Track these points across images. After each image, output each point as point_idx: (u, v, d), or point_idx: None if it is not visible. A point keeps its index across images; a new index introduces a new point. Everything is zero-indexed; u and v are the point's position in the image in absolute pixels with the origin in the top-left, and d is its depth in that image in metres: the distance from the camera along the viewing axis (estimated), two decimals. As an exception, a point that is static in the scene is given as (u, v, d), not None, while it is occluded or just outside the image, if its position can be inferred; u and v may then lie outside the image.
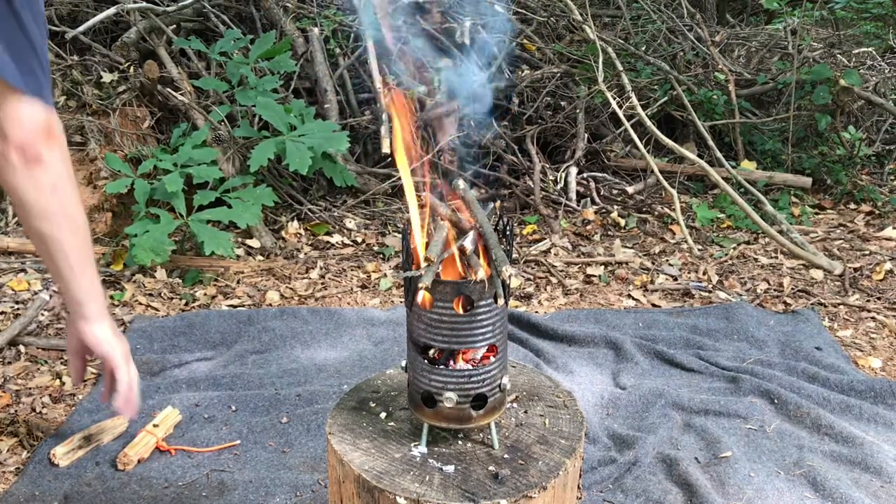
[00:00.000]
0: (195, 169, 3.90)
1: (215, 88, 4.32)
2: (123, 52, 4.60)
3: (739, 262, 4.13)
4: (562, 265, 4.05)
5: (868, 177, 5.23)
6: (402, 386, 1.78)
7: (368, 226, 4.43)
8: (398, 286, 3.76)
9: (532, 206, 4.61)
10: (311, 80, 4.79)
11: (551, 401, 1.73)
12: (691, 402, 2.77)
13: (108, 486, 2.29)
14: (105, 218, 4.03)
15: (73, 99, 4.30)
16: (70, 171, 1.38)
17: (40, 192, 1.33)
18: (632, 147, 5.00)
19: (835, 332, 3.42)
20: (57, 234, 1.39)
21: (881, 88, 5.45)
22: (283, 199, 4.37)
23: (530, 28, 5.48)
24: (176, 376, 2.95)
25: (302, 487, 2.30)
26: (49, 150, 1.32)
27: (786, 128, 5.16)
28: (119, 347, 1.55)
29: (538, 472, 1.49)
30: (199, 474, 2.37)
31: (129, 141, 4.22)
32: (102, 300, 1.52)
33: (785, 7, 5.39)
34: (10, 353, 3.02)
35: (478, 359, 1.57)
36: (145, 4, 4.59)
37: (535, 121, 5.11)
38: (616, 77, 4.84)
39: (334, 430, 1.61)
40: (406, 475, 1.48)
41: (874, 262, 4.09)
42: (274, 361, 3.06)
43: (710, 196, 4.94)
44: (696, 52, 5.53)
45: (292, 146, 3.96)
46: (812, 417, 2.70)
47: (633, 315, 3.50)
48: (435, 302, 1.49)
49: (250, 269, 3.85)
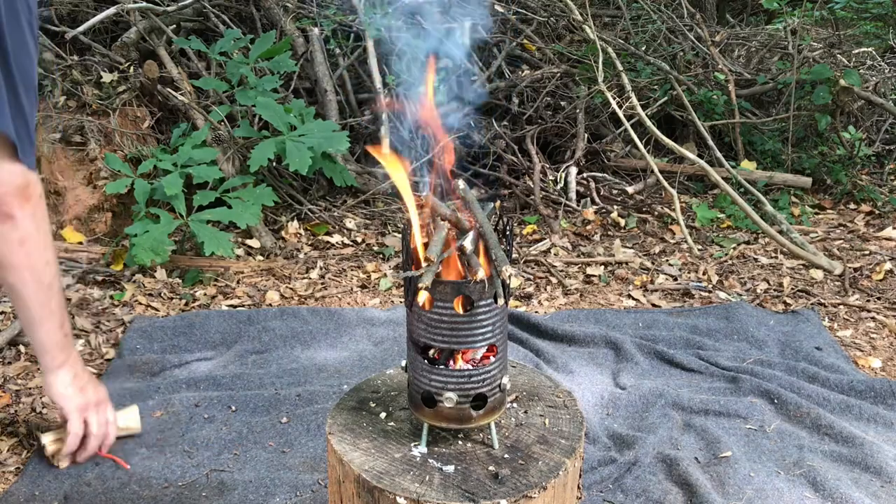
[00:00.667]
0: (195, 169, 3.90)
1: (215, 88, 4.32)
2: (123, 52, 4.60)
3: (739, 262, 4.13)
4: (562, 265, 4.05)
5: (868, 177, 5.23)
6: (402, 386, 1.78)
7: (368, 226, 4.43)
8: (398, 286, 3.76)
9: (532, 206, 4.61)
10: (311, 80, 4.79)
11: (551, 401, 1.73)
12: (691, 402, 2.77)
13: (107, 486, 2.29)
14: (105, 218, 4.03)
15: (73, 99, 4.30)
16: (44, 229, 1.49)
17: (8, 246, 1.44)
18: (632, 147, 5.00)
19: (835, 332, 3.42)
20: (20, 287, 1.49)
21: (881, 88, 5.45)
22: (283, 199, 4.37)
23: (530, 28, 5.48)
24: (176, 376, 2.95)
25: (302, 487, 2.30)
26: (21, 210, 1.43)
27: (786, 128, 5.16)
28: (74, 399, 1.62)
29: (538, 472, 1.49)
30: (199, 474, 2.37)
31: (129, 141, 4.22)
32: (65, 351, 1.60)
33: (785, 7, 5.39)
34: (10, 353, 3.02)
35: (478, 359, 1.57)
36: (145, 4, 4.59)
37: (535, 121, 5.11)
38: (616, 77, 4.84)
39: (334, 430, 1.61)
40: (406, 475, 1.48)
41: (874, 262, 4.10)
42: (274, 361, 3.06)
43: (710, 196, 4.94)
44: (696, 52, 5.54)
45: (292, 146, 3.96)
46: (812, 417, 2.70)
47: (633, 315, 3.50)
48: (435, 302, 1.49)
49: (250, 269, 3.85)
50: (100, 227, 4.01)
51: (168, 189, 3.72)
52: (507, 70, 5.26)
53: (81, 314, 3.34)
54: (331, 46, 4.87)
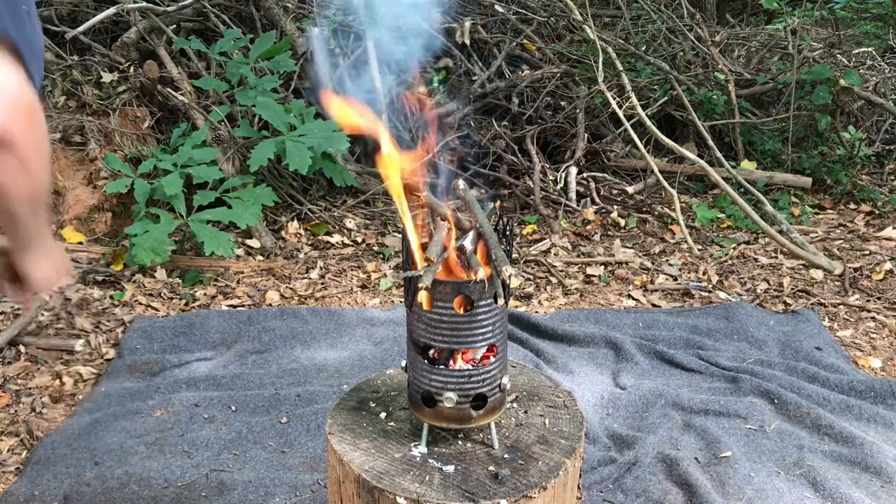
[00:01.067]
0: (195, 169, 3.90)
1: (215, 88, 4.32)
2: (123, 52, 4.60)
3: (739, 262, 4.13)
4: (562, 265, 4.05)
5: (868, 177, 5.23)
6: (402, 386, 1.78)
7: (368, 226, 4.43)
8: (398, 286, 3.76)
9: (532, 206, 4.61)
10: (311, 80, 4.79)
11: (551, 401, 1.73)
12: (691, 402, 2.77)
13: (107, 486, 2.29)
14: (105, 218, 4.03)
15: (73, 99, 4.30)
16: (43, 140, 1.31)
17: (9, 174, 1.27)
18: (632, 147, 5.00)
19: (835, 332, 3.42)
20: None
21: (881, 88, 5.45)
22: (283, 199, 4.37)
23: (530, 28, 5.48)
24: (176, 376, 2.95)
25: (302, 487, 2.30)
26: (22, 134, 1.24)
27: (786, 128, 5.16)
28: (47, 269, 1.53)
29: (538, 472, 1.49)
30: (199, 474, 2.37)
31: (129, 141, 4.22)
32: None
33: (785, 7, 5.39)
34: (10, 353, 3.02)
35: (478, 359, 1.57)
36: (145, 4, 4.59)
37: (535, 121, 5.11)
38: (616, 77, 4.84)
39: (334, 430, 1.61)
40: (406, 475, 1.48)
41: (874, 262, 4.09)
42: (274, 361, 3.06)
43: (710, 196, 4.94)
44: (696, 52, 5.53)
45: (292, 146, 3.96)
46: (812, 417, 2.70)
47: (633, 315, 3.50)
48: (435, 302, 1.49)
49: (250, 269, 3.85)
50: (100, 227, 4.01)
51: (168, 189, 3.72)
52: (507, 70, 5.26)
53: (81, 314, 3.34)
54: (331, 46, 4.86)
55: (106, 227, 4.02)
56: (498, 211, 1.66)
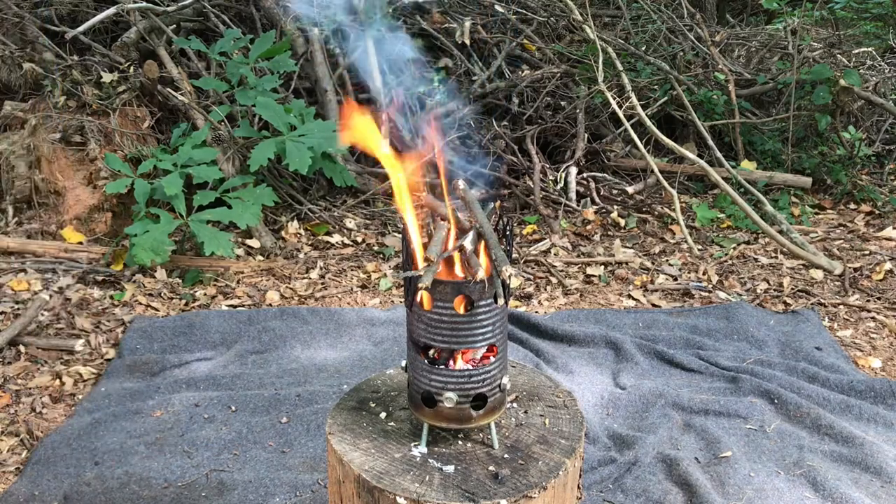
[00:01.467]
0: (195, 169, 3.90)
1: (215, 88, 4.32)
2: (123, 52, 4.60)
3: (739, 262, 4.13)
4: (562, 265, 4.05)
5: (868, 177, 5.23)
6: (402, 386, 1.78)
7: (368, 226, 4.43)
8: (398, 286, 3.76)
9: (532, 206, 4.61)
10: (311, 80, 4.79)
11: (551, 401, 1.73)
12: (691, 402, 2.77)
13: (107, 486, 2.29)
14: (105, 218, 4.03)
15: (73, 99, 4.30)
16: None
17: None
18: (632, 147, 5.00)
19: (835, 332, 3.42)
20: None
21: (881, 88, 5.45)
22: (283, 199, 4.37)
23: (530, 28, 5.48)
24: (176, 376, 2.94)
25: (302, 487, 2.30)
26: None
27: (786, 128, 5.16)
28: None
29: (538, 472, 1.49)
30: (199, 474, 2.37)
31: (129, 141, 4.22)
32: None
33: (785, 7, 5.39)
34: (10, 353, 3.02)
35: (478, 359, 1.57)
36: (145, 4, 4.59)
37: (535, 121, 5.11)
38: (616, 77, 4.84)
39: (334, 430, 1.61)
40: (406, 475, 1.48)
41: (874, 262, 4.09)
42: (274, 361, 3.06)
43: (710, 196, 4.94)
44: (696, 52, 5.53)
45: (292, 146, 3.96)
46: (812, 417, 2.70)
47: (633, 315, 3.50)
48: (435, 302, 1.49)
49: (250, 269, 3.85)
50: (100, 227, 4.00)
51: (168, 189, 3.72)
52: (507, 70, 5.26)
53: (81, 314, 3.34)
54: (331, 46, 4.86)
55: (106, 227, 4.02)
56: (498, 211, 1.66)
